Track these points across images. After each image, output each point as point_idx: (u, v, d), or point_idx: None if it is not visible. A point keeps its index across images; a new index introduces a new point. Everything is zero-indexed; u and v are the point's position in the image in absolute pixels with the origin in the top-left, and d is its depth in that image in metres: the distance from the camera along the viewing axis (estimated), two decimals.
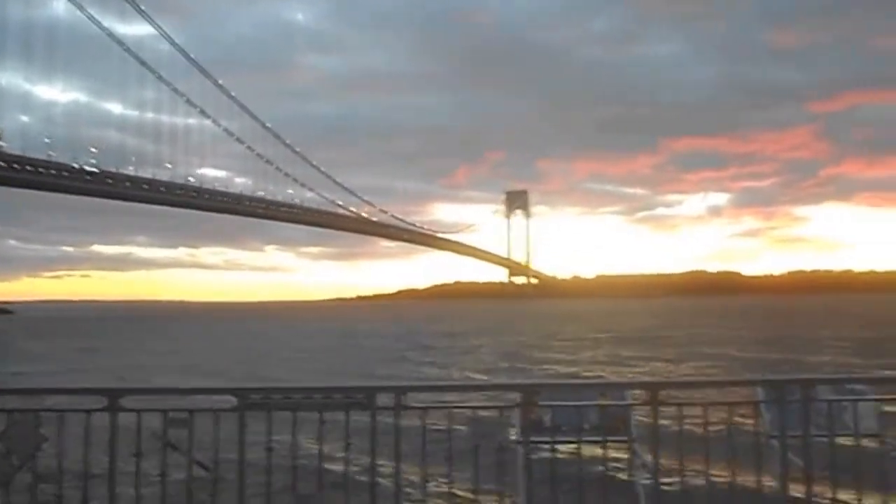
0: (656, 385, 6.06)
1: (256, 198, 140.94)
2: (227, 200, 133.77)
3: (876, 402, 6.05)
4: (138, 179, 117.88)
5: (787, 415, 5.88)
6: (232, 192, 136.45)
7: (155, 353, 52.99)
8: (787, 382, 6.12)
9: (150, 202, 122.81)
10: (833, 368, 25.82)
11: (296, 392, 6.02)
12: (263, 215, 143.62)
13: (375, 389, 5.97)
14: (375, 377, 32.85)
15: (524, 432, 5.89)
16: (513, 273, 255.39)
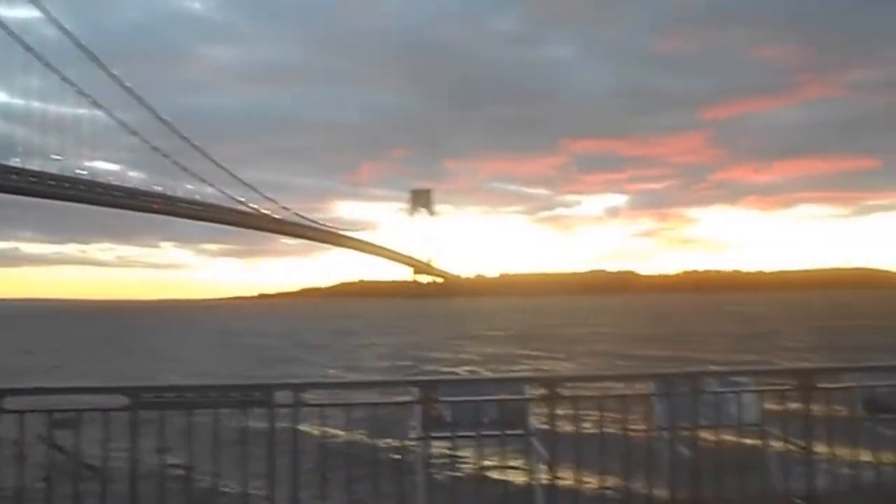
0: (553, 380, 6.18)
1: (152, 192, 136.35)
2: (120, 195, 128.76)
3: (757, 393, 6.36)
4: (25, 172, 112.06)
5: (676, 407, 6.11)
6: (125, 187, 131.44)
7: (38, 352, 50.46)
8: (676, 376, 6.35)
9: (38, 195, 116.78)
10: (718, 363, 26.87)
11: (190, 391, 5.87)
12: (159, 211, 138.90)
13: (273, 387, 5.88)
14: (242, 377, 31.74)
15: (424, 428, 5.92)
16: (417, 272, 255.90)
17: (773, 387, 6.45)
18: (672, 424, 6.10)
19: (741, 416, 6.24)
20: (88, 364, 39.71)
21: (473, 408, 6.12)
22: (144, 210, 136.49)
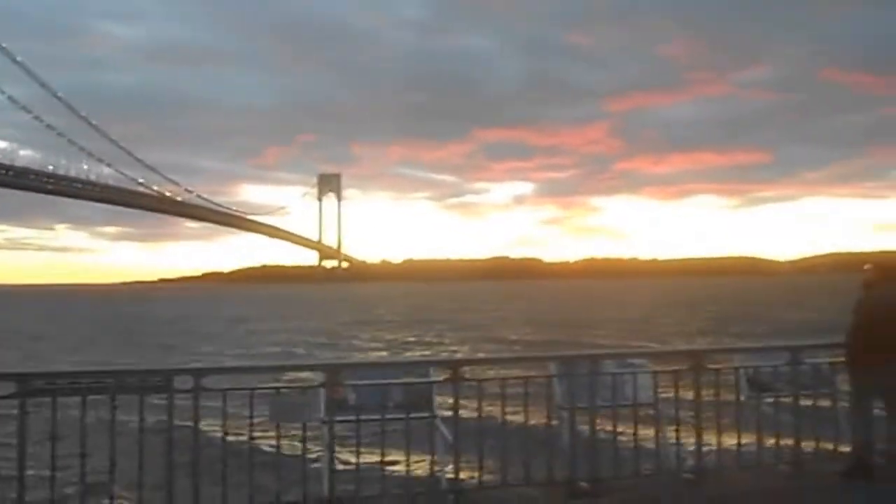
0: (457, 362, 6.26)
1: (45, 172, 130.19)
2: (9, 174, 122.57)
3: (652, 374, 6.60)
4: None
5: (576, 388, 6.27)
6: (16, 166, 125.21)
7: None
8: (576, 358, 6.53)
9: None
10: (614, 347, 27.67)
11: (84, 376, 5.68)
12: (54, 191, 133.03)
13: (173, 372, 5.74)
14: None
15: (329, 411, 5.89)
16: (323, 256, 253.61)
17: (667, 368, 6.71)
18: (572, 405, 6.25)
19: (637, 397, 6.47)
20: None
21: (378, 391, 6.13)
22: (37, 190, 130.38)
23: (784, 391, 6.82)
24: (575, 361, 6.51)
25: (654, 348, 16.07)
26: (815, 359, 7.02)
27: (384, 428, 6.04)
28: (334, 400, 5.95)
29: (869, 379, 6.54)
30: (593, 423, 6.28)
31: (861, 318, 6.67)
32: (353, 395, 6.11)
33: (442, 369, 6.31)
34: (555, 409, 6.37)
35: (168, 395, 5.52)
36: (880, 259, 7.06)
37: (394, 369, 6.83)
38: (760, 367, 6.92)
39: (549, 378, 6.42)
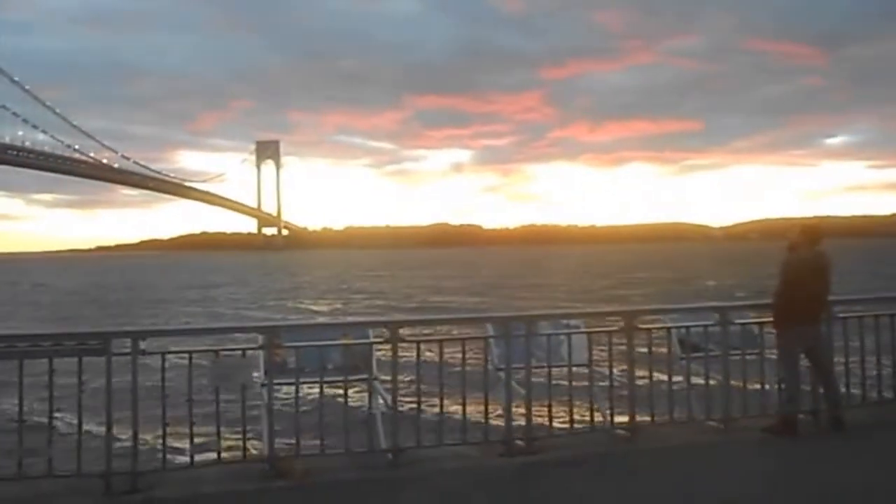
0: (396, 323, 6.32)
1: None
2: None
3: (586, 334, 6.78)
4: None
5: (511, 349, 6.40)
6: None
7: None
8: (512, 319, 6.65)
9: None
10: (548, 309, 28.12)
11: (21, 340, 5.60)
12: None
13: (111, 335, 5.68)
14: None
15: (268, 374, 5.91)
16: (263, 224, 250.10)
17: (601, 328, 6.89)
18: (507, 366, 6.38)
19: (572, 357, 6.63)
20: None
21: (317, 353, 6.17)
22: None
23: (713, 351, 7.05)
24: (511, 323, 6.62)
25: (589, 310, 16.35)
26: (743, 319, 7.28)
27: (323, 390, 6.10)
28: (273, 362, 5.97)
29: (794, 337, 6.84)
30: (529, 383, 6.43)
31: (785, 280, 6.94)
32: (293, 358, 6.14)
33: (381, 330, 6.36)
34: (491, 370, 6.50)
35: (106, 357, 5.47)
36: (804, 222, 7.33)
37: (333, 330, 6.87)
38: (691, 327, 7.15)
39: (485, 339, 6.55)
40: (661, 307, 9.09)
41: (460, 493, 5.52)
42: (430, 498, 5.44)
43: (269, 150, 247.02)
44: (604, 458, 6.29)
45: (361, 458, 6.11)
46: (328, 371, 6.17)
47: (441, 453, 6.25)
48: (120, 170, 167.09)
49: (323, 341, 6.31)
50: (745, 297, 26.49)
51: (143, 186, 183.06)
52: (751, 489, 5.47)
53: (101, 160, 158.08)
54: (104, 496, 5.34)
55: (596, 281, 59.68)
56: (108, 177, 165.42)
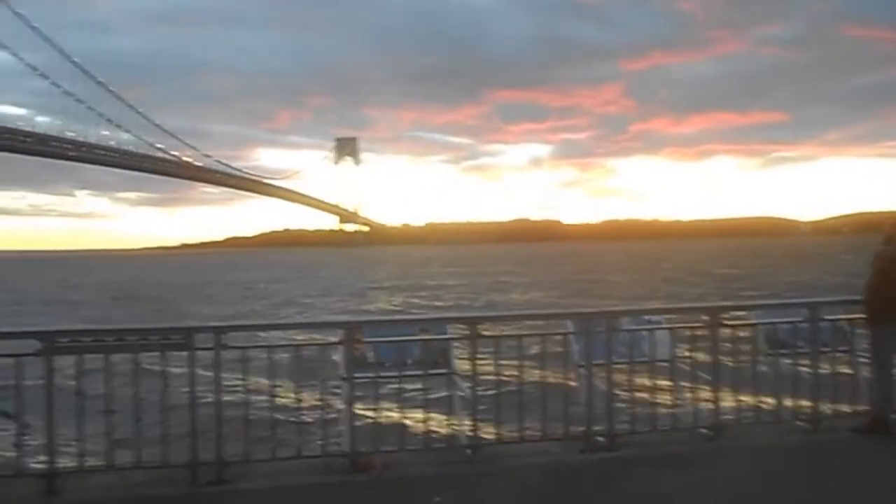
0: (475, 319, 6.29)
1: (65, 138, 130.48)
2: (30, 141, 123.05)
3: (669, 330, 6.61)
4: None
5: (593, 345, 6.29)
6: (37, 132, 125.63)
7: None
8: (593, 315, 6.53)
9: None
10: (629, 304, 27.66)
11: (108, 334, 5.77)
12: (74, 157, 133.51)
13: (194, 330, 5.82)
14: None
15: (348, 369, 5.96)
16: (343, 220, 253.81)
17: (684, 324, 6.71)
18: (588, 362, 6.28)
19: (654, 353, 6.48)
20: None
21: (397, 348, 6.19)
22: (58, 157, 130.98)
23: (802, 348, 6.80)
24: (592, 318, 6.52)
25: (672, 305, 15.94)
26: (833, 315, 6.98)
27: (403, 385, 6.12)
28: (354, 357, 6.02)
29: (887, 334, 6.52)
30: (610, 380, 6.31)
31: (879, 274, 6.62)
32: (372, 353, 6.18)
33: (460, 326, 6.35)
34: (572, 366, 6.41)
35: (189, 352, 5.61)
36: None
37: (412, 326, 6.88)
38: (778, 323, 6.89)
39: (566, 335, 6.46)
40: (748, 303, 8.79)
41: (540, 488, 5.46)
42: (509, 493, 5.39)
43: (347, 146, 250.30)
44: (686, 457, 6.13)
45: (441, 453, 6.11)
46: (408, 366, 6.19)
47: (521, 449, 6.20)
48: (202, 168, 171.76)
49: (402, 337, 6.33)
50: (837, 292, 25.48)
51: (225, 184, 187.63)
52: (840, 491, 5.24)
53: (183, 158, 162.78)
54: (191, 486, 5.49)
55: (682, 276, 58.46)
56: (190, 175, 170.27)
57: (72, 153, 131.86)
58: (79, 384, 5.49)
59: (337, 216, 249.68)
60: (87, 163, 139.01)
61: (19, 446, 5.46)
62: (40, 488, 5.35)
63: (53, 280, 75.22)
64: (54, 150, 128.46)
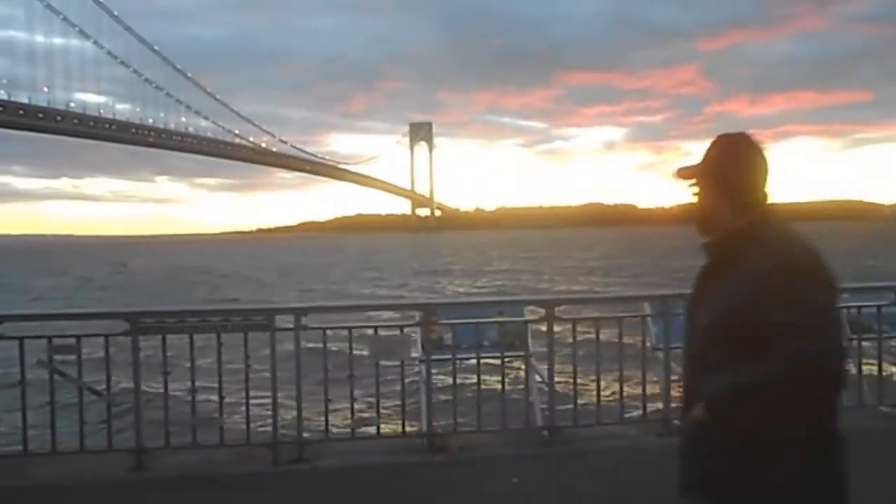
0: (552, 302, 6.23)
1: (145, 125, 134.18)
2: (112, 128, 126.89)
3: None
4: (13, 105, 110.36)
5: (671, 328, 6.16)
6: (118, 120, 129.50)
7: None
8: (672, 297, 6.38)
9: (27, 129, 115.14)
10: None
11: (191, 315, 5.91)
12: (154, 144, 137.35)
13: (274, 311, 5.92)
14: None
15: (425, 350, 5.98)
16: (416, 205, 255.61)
17: None
18: (666, 345, 6.15)
19: None
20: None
21: (473, 330, 6.18)
22: (138, 143, 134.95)
23: (888, 332, 6.55)
24: (670, 301, 6.37)
25: None
26: None
27: (479, 366, 6.11)
28: (430, 338, 6.03)
29: None
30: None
31: None
32: (449, 334, 6.19)
33: (536, 308, 6.30)
34: (649, 350, 6.29)
35: (270, 332, 5.71)
36: None
37: (488, 308, 6.86)
38: (863, 307, 6.61)
39: (643, 317, 6.34)
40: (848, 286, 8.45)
41: (617, 471, 5.39)
42: (586, 476, 5.34)
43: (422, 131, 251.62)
44: None
45: (517, 435, 6.10)
46: (484, 348, 6.18)
47: (597, 432, 6.14)
48: (278, 153, 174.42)
49: (479, 319, 6.31)
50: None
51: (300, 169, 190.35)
52: None
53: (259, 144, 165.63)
54: (272, 465, 5.60)
55: None
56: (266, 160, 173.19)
57: (152, 140, 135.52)
58: (164, 364, 5.66)
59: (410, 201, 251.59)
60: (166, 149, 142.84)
61: (109, 423, 5.67)
62: (130, 464, 5.55)
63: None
64: (135, 137, 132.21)
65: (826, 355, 2.08)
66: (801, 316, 2.07)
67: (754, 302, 2.13)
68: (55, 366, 5.51)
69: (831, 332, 2.16)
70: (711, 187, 2.38)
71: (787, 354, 2.04)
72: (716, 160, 2.38)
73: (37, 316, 7.49)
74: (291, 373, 5.70)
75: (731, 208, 2.33)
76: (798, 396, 2.07)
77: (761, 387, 2.09)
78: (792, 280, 2.13)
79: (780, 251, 2.21)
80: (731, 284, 2.22)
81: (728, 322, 2.19)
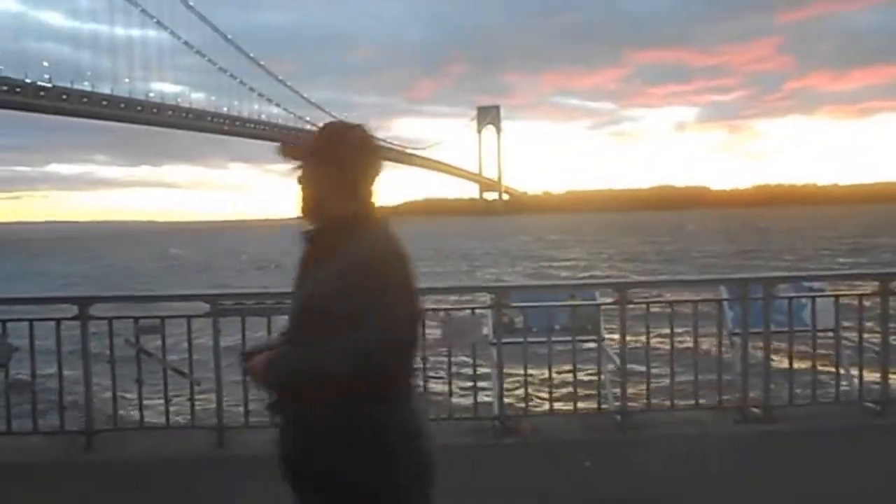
0: (625, 285, 6.19)
1: (220, 113, 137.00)
2: (189, 117, 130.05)
3: (832, 298, 6.24)
4: (96, 96, 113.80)
5: (748, 312, 6.05)
6: (195, 108, 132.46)
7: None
8: (749, 281, 6.27)
9: (109, 119, 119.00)
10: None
11: (269, 297, 6.06)
12: (228, 132, 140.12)
13: None
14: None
15: (496, 333, 6.02)
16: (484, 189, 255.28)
17: (850, 292, 6.33)
18: (744, 330, 6.05)
19: (815, 322, 6.16)
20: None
21: (545, 314, 6.19)
22: (213, 131, 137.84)
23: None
24: (747, 285, 6.25)
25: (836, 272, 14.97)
26: None
27: (550, 350, 6.11)
28: (502, 322, 6.06)
29: None
30: (767, 349, 6.06)
31: None
32: (520, 318, 6.21)
33: (609, 292, 6.27)
34: (726, 335, 6.19)
35: None
36: None
37: (560, 292, 6.85)
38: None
39: (719, 302, 6.24)
40: None
41: (691, 458, 5.31)
42: (659, 461, 5.28)
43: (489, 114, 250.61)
44: (850, 432, 5.79)
45: (589, 419, 6.09)
46: (556, 332, 6.18)
47: (671, 417, 6.10)
48: None
49: (550, 302, 6.31)
50: None
51: None
52: None
53: None
54: None
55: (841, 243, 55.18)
56: None
57: (226, 127, 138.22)
58: (242, 345, 5.82)
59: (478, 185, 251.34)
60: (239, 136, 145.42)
61: (193, 401, 5.88)
62: (212, 440, 5.76)
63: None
64: (210, 125, 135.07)
65: (389, 347, 2.18)
66: (377, 307, 2.15)
67: (339, 290, 2.18)
68: (142, 345, 5.73)
69: (403, 325, 2.23)
70: (323, 174, 2.37)
71: (353, 342, 2.13)
72: (330, 147, 2.38)
73: (124, 297, 7.78)
74: None
75: (341, 197, 2.34)
76: (356, 384, 2.16)
77: (322, 371, 2.19)
78: (375, 272, 2.19)
79: (373, 244, 2.26)
80: (326, 272, 2.25)
81: (316, 307, 2.25)
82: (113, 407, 5.86)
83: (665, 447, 5.55)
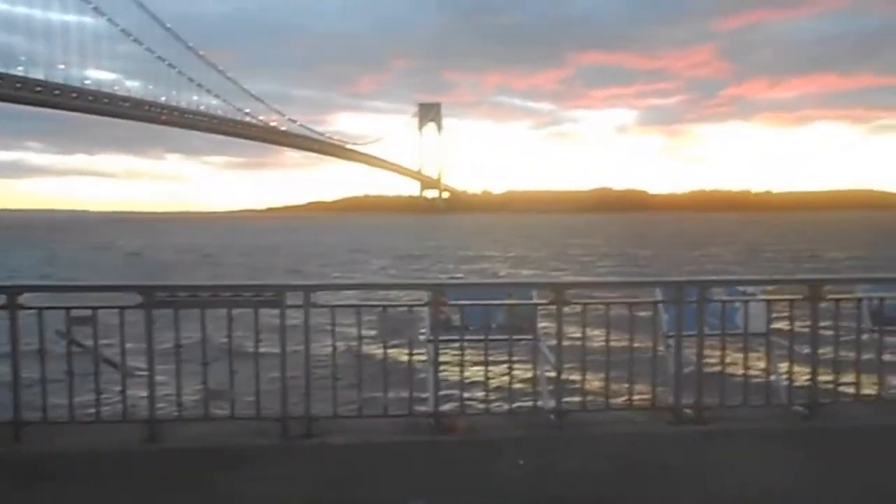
0: (562, 285, 6.21)
1: (158, 103, 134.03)
2: (126, 105, 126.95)
3: (765, 302, 6.38)
4: (30, 81, 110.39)
5: (683, 315, 6.14)
6: (132, 97, 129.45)
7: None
8: (684, 284, 6.36)
9: (44, 105, 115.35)
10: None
11: (203, 290, 5.94)
12: (167, 122, 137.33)
13: (285, 288, 5.94)
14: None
15: (433, 331, 5.99)
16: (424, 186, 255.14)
17: (782, 297, 6.48)
18: (678, 332, 6.14)
19: (748, 326, 6.29)
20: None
21: (482, 312, 6.18)
22: (151, 121, 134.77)
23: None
24: (682, 287, 6.35)
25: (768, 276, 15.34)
26: None
27: (487, 348, 6.11)
28: (439, 319, 6.04)
29: None
30: (700, 352, 6.16)
31: None
32: (457, 315, 6.19)
33: (545, 291, 6.29)
34: (660, 336, 6.29)
35: (280, 309, 5.73)
36: None
37: (497, 290, 6.86)
38: (886, 298, 6.55)
39: (655, 304, 6.33)
40: (852, 276, 8.41)
41: (625, 456, 5.39)
42: (594, 460, 5.35)
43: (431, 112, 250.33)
44: (780, 433, 5.94)
45: (524, 417, 6.11)
46: (492, 330, 6.18)
47: (606, 417, 6.15)
48: (286, 132, 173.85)
49: (487, 301, 6.31)
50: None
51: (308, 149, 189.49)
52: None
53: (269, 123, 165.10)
54: (281, 438, 5.64)
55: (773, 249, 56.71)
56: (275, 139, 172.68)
57: (164, 117, 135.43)
58: (176, 337, 5.70)
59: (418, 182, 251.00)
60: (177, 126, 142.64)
61: (125, 394, 5.72)
62: (143, 434, 5.61)
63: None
64: (148, 115, 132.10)
65: None
66: None
67: None
68: (73, 336, 5.56)
69: None
70: None
71: None
72: None
73: (55, 287, 7.54)
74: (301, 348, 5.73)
75: None
76: None
77: None
78: None
79: None
80: None
81: None
82: (42, 398, 5.66)
83: (600, 446, 5.61)
